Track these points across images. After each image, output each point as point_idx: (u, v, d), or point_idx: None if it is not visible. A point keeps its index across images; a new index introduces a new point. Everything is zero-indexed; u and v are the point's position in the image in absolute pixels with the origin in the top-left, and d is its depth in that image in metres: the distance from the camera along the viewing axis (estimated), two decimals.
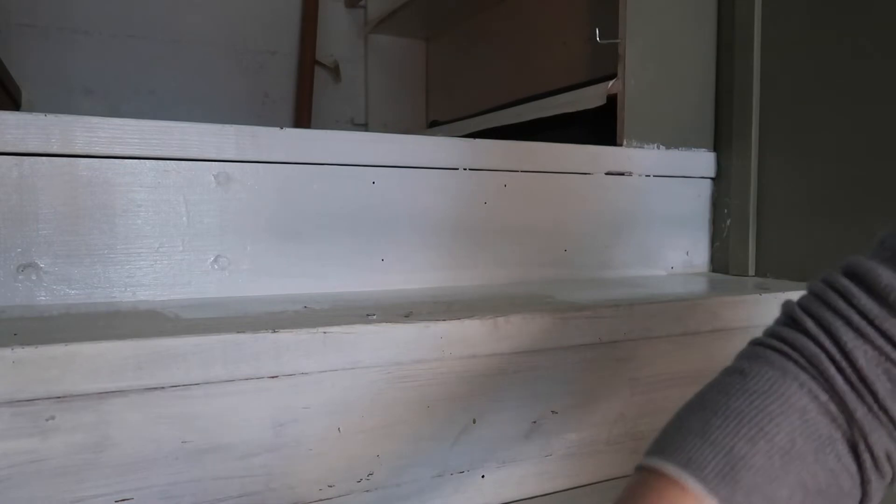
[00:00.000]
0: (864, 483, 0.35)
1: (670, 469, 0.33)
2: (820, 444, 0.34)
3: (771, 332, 0.39)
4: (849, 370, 0.35)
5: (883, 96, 0.78)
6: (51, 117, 0.62)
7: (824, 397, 0.35)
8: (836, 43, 0.83)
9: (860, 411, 0.34)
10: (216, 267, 0.70)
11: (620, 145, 0.95)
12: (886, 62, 0.78)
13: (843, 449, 0.34)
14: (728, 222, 0.98)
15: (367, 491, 0.55)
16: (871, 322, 0.35)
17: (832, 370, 0.35)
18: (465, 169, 0.81)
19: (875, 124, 0.79)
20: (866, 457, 0.34)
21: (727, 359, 0.78)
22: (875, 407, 0.34)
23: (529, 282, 0.84)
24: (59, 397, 0.44)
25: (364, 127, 1.98)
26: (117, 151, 0.65)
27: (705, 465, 0.33)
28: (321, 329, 0.51)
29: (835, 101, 0.84)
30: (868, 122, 0.80)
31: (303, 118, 1.86)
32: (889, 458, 0.35)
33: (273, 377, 0.51)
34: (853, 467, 0.34)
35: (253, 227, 0.71)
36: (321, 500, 0.54)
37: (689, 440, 0.35)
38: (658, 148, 0.96)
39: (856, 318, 0.35)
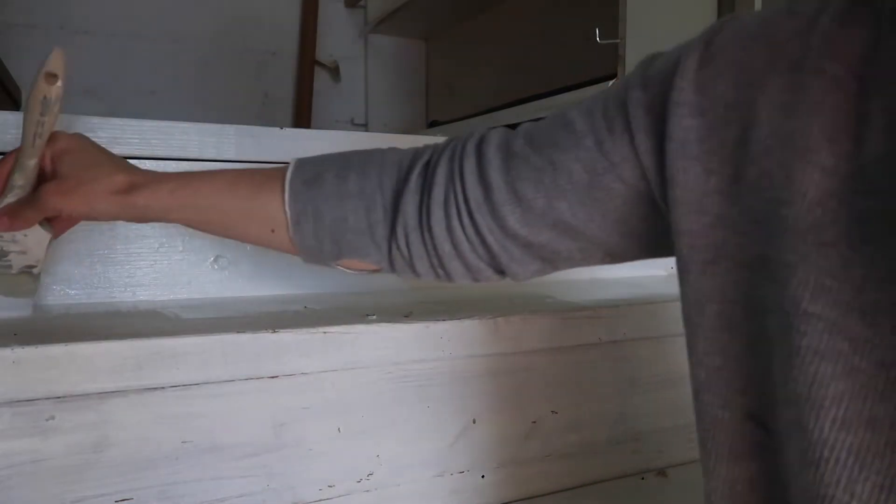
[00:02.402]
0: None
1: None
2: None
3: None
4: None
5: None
6: None
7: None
8: None
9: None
10: (216, 267, 0.70)
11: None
12: None
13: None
14: None
15: (367, 491, 0.55)
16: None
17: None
18: None
19: None
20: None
21: None
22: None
23: (530, 282, 0.84)
24: (59, 397, 0.44)
25: (364, 127, 1.98)
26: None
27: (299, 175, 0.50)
28: (321, 329, 0.51)
29: None
30: None
31: (303, 118, 1.86)
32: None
33: (273, 377, 0.51)
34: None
35: None
36: (321, 500, 0.54)
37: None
38: None
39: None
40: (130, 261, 0.66)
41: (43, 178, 0.52)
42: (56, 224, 0.55)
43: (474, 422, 0.59)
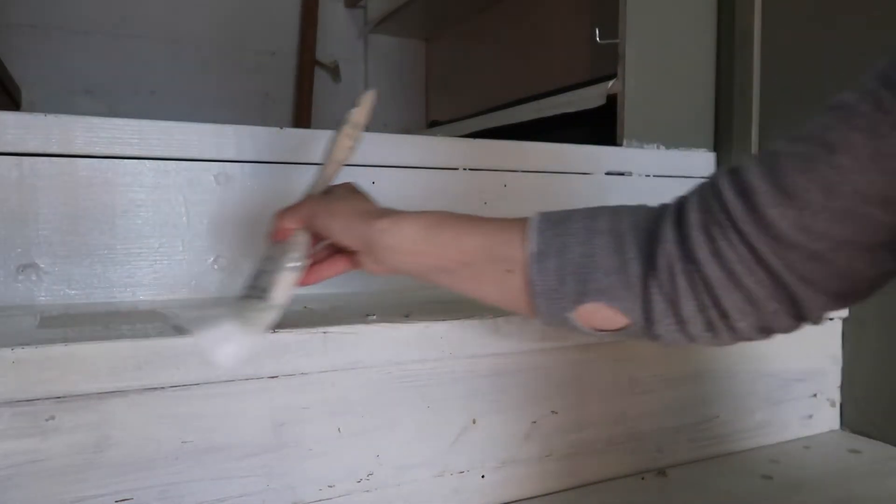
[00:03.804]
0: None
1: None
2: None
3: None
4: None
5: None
6: (51, 117, 0.62)
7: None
8: (836, 42, 0.83)
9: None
10: (216, 267, 0.70)
11: (620, 145, 0.95)
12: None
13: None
14: None
15: (367, 491, 0.55)
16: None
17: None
18: (465, 169, 0.81)
19: None
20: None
21: (727, 358, 0.79)
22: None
23: None
24: (59, 397, 0.44)
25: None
26: (117, 151, 0.65)
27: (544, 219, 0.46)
28: (321, 329, 0.51)
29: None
30: None
31: (303, 118, 1.86)
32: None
33: (273, 377, 0.51)
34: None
35: (253, 227, 0.71)
36: (321, 500, 0.54)
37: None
38: (658, 148, 0.96)
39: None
40: (130, 261, 0.66)
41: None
42: (313, 263, 0.53)
43: (474, 422, 0.59)
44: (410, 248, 0.48)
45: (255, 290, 0.51)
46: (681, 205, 0.43)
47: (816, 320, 0.42)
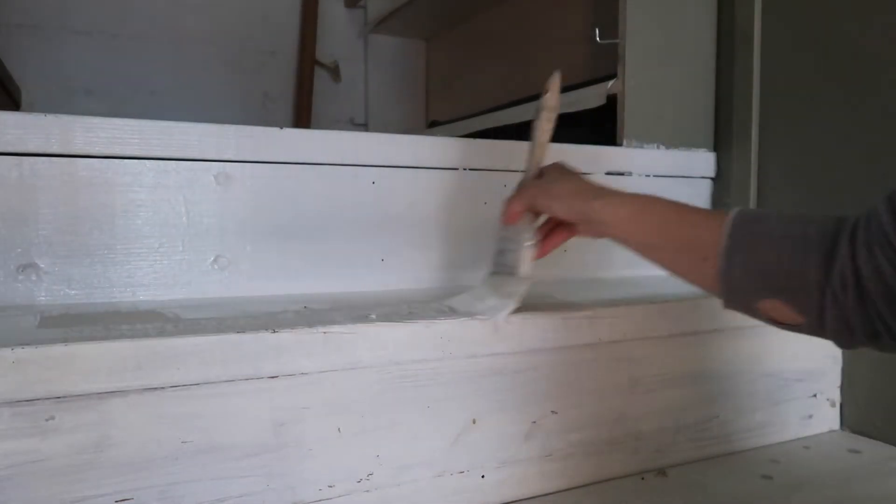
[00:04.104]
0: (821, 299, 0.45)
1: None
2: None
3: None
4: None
5: (883, 96, 0.78)
6: (51, 117, 0.62)
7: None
8: (837, 42, 0.83)
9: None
10: (216, 267, 0.70)
11: (620, 145, 0.95)
12: (887, 62, 0.78)
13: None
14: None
15: (367, 491, 0.55)
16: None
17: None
18: (465, 169, 0.81)
19: (875, 124, 0.79)
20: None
21: (727, 359, 0.79)
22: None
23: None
24: (59, 397, 0.44)
25: (364, 127, 1.98)
26: (117, 151, 0.65)
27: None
28: (321, 329, 0.51)
29: (835, 100, 0.84)
30: (869, 122, 0.80)
31: (303, 118, 1.86)
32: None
33: (273, 377, 0.51)
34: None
35: (253, 227, 0.71)
36: (321, 500, 0.54)
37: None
38: (658, 148, 0.96)
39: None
40: (130, 261, 0.66)
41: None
42: (542, 237, 0.62)
43: (474, 422, 0.59)
44: (621, 227, 0.55)
45: (505, 268, 0.63)
46: (857, 220, 0.46)
47: None
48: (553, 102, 0.65)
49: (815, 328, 0.48)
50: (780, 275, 0.47)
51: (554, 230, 0.63)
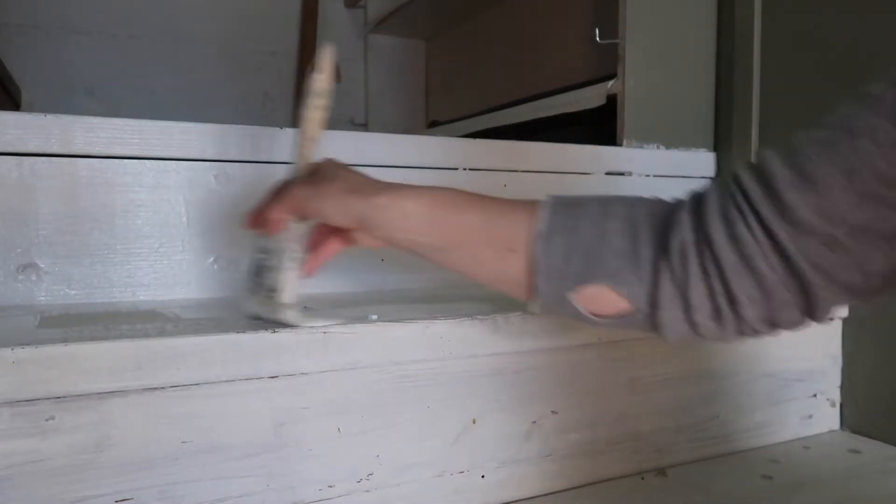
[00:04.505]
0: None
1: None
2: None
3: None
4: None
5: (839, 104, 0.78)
6: (51, 117, 0.62)
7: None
8: (837, 42, 0.83)
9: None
10: (216, 267, 0.70)
11: (620, 145, 0.95)
12: (887, 61, 0.78)
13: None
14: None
15: (367, 491, 0.55)
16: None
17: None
18: (465, 169, 0.81)
19: None
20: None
21: (727, 359, 0.78)
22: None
23: None
24: (59, 397, 0.44)
25: (364, 127, 1.98)
26: (117, 151, 0.65)
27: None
28: (321, 329, 0.51)
29: (835, 101, 0.84)
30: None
31: None
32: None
33: (273, 377, 0.51)
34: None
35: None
36: (321, 500, 0.54)
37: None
38: (658, 148, 0.96)
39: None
40: (130, 261, 0.66)
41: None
42: (310, 249, 0.53)
43: (474, 422, 0.59)
44: (410, 227, 0.47)
45: (262, 289, 0.52)
46: (698, 195, 0.43)
47: (822, 316, 0.41)
48: (323, 85, 0.52)
49: (646, 314, 0.43)
50: (606, 255, 0.43)
51: (326, 239, 0.54)
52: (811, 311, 0.41)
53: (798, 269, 0.39)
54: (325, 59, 0.52)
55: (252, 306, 0.53)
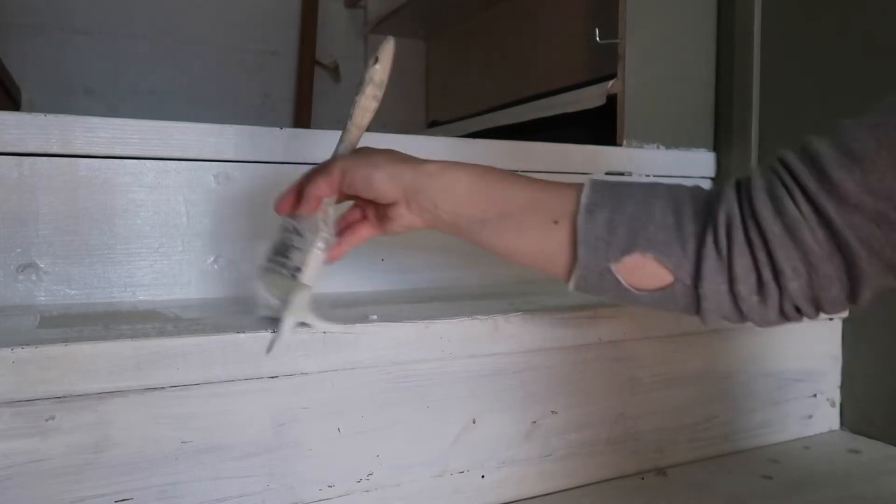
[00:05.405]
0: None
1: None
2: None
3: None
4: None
5: (883, 96, 0.78)
6: (51, 117, 0.62)
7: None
8: (836, 42, 0.83)
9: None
10: (216, 267, 0.70)
11: (620, 145, 0.95)
12: (887, 61, 0.78)
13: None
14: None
15: (367, 491, 0.55)
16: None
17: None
18: None
19: None
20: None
21: (727, 359, 0.78)
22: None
23: (530, 281, 0.84)
24: (59, 397, 0.44)
25: None
26: (117, 151, 0.65)
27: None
28: (321, 329, 0.51)
29: (835, 100, 0.84)
30: None
31: (303, 118, 1.86)
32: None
33: (273, 377, 0.51)
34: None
35: (253, 227, 0.71)
36: (321, 500, 0.54)
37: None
38: (658, 148, 0.96)
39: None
40: (130, 261, 0.66)
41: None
42: (344, 229, 0.53)
43: (474, 422, 0.59)
44: (458, 197, 0.47)
45: (285, 269, 0.50)
46: (743, 179, 0.44)
47: (865, 298, 0.41)
48: (381, 76, 0.52)
49: (689, 286, 0.43)
50: (650, 226, 0.43)
51: (357, 225, 0.53)
52: (855, 289, 0.41)
53: (844, 243, 0.39)
54: (386, 51, 0.52)
55: (267, 286, 0.52)
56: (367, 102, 0.53)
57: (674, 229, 0.43)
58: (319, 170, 0.50)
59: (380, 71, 0.52)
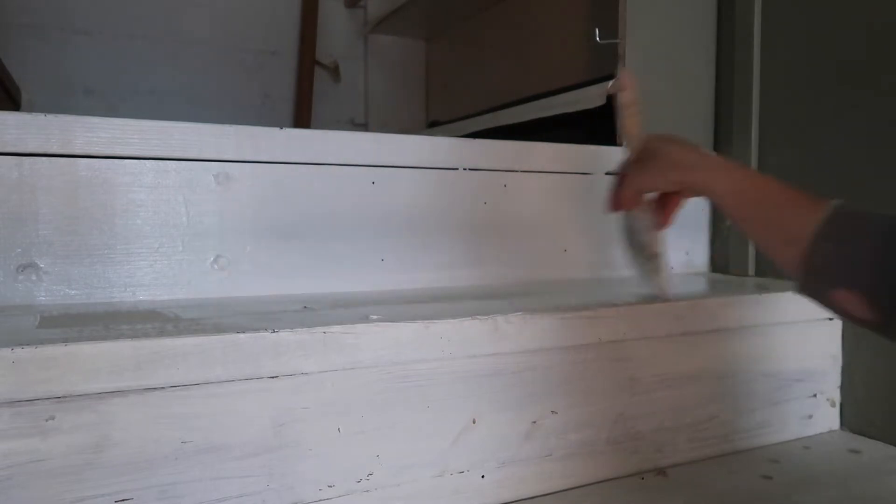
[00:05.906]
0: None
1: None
2: None
3: None
4: None
5: (883, 95, 0.78)
6: (51, 117, 0.62)
7: None
8: (836, 42, 0.83)
9: None
10: (216, 267, 0.70)
11: (620, 145, 0.94)
12: (886, 60, 0.78)
13: None
14: (728, 222, 0.98)
15: (367, 491, 0.55)
16: None
17: None
18: (465, 169, 0.81)
19: (875, 123, 0.79)
20: None
21: (727, 359, 0.79)
22: None
23: (529, 282, 0.84)
24: (59, 397, 0.44)
25: (364, 127, 1.98)
26: (117, 151, 0.65)
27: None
28: (321, 329, 0.51)
29: (835, 100, 0.84)
30: (868, 122, 0.80)
31: (303, 118, 1.86)
32: None
33: (273, 377, 0.51)
34: None
35: (253, 227, 0.71)
36: (321, 500, 0.54)
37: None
38: None
39: None
40: (130, 261, 0.66)
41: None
42: (659, 210, 0.68)
43: (474, 422, 0.59)
44: (719, 198, 0.59)
45: (642, 249, 0.70)
46: None
47: None
48: (629, 98, 0.69)
49: (883, 326, 0.48)
50: (864, 267, 0.47)
51: (665, 198, 0.67)
52: None
53: None
54: (625, 80, 0.70)
55: (634, 260, 0.71)
56: (630, 120, 0.70)
57: (882, 274, 0.47)
58: (619, 182, 0.67)
59: (624, 96, 0.70)
